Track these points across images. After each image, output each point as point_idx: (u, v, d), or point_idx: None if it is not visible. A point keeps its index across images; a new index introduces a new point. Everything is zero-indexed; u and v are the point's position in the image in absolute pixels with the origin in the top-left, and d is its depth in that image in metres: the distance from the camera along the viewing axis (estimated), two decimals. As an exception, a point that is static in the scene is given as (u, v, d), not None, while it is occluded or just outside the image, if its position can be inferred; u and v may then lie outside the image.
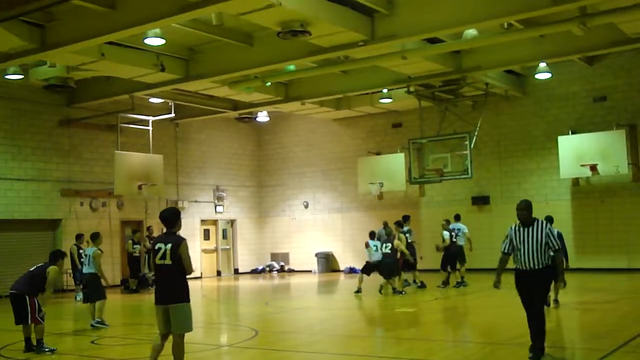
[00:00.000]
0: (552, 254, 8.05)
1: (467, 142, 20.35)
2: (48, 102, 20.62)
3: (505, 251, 8.38)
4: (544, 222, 8.18)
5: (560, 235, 13.86)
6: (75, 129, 21.46)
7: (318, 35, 14.07)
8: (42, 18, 13.87)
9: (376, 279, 17.27)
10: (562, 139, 20.71)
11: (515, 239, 8.19)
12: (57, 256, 10.55)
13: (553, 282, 14.67)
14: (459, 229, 18.34)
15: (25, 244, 20.08)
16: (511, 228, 8.33)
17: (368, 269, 17.32)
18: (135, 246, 20.58)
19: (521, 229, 8.19)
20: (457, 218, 19.18)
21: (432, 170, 21.26)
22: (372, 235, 17.59)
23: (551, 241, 8.05)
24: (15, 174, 19.88)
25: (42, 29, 14.20)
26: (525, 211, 8.18)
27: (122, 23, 13.01)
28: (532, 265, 8.05)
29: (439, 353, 9.36)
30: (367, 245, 17.40)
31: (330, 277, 24.46)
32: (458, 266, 18.05)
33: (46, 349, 9.93)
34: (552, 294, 14.29)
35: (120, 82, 19.01)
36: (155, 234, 21.84)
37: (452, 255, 17.86)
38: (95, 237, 13.66)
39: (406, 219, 18.95)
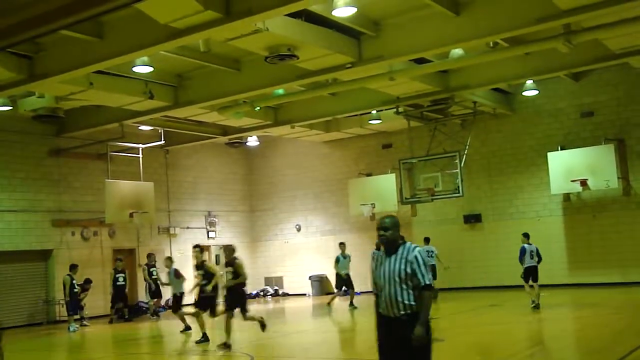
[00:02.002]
0: (422, 284, 5.37)
1: (457, 161, 20.44)
2: (37, 132, 20.56)
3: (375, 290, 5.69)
4: (413, 246, 5.53)
5: (537, 252, 16.08)
6: (65, 158, 21.40)
7: (305, 58, 14.15)
8: (30, 49, 13.88)
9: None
10: (551, 155, 20.82)
11: (375, 271, 5.61)
12: None
13: (527, 287, 15.80)
14: (432, 251, 19.93)
15: (17, 276, 19.92)
16: (373, 255, 5.72)
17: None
18: (118, 275, 20.08)
19: (383, 257, 5.58)
20: (427, 241, 20.51)
21: (424, 190, 21.30)
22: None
23: (418, 273, 5.37)
24: (5, 205, 19.77)
25: (30, 60, 14.20)
26: (389, 232, 5.50)
27: (110, 52, 13.04)
28: (392, 310, 5.42)
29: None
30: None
31: (325, 300, 24.28)
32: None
33: None
34: (534, 298, 15.72)
35: (110, 111, 19.00)
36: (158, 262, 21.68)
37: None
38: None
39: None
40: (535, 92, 21.02)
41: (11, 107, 17.39)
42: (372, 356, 5.75)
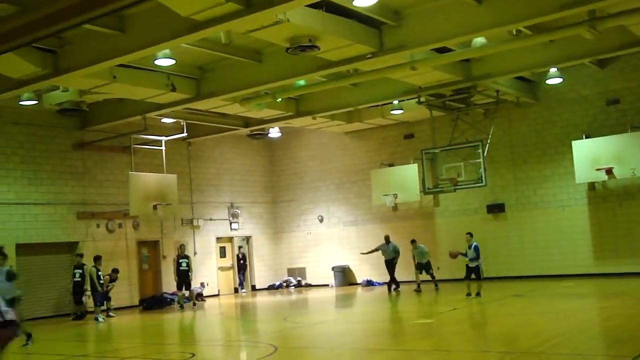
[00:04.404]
0: None
1: (479, 151, 20.26)
2: (62, 126, 20.79)
3: None
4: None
5: (476, 248, 17.49)
6: (89, 151, 21.61)
7: (326, 49, 14.12)
8: (54, 44, 14.03)
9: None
10: (576, 144, 20.61)
11: None
12: None
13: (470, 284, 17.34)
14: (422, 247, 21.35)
15: (43, 268, 20.21)
16: None
17: None
18: (76, 270, 19.34)
19: None
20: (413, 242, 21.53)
21: (446, 180, 21.19)
22: None
23: None
24: (32, 199, 20.03)
25: (54, 54, 14.36)
26: None
27: (132, 45, 13.14)
28: None
29: (460, 364, 9.27)
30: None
31: (347, 290, 24.39)
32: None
33: None
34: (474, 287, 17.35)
35: (133, 104, 19.15)
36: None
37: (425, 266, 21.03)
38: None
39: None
40: (559, 80, 20.80)
41: (36, 102, 17.62)
42: (395, 345, 5.75)
